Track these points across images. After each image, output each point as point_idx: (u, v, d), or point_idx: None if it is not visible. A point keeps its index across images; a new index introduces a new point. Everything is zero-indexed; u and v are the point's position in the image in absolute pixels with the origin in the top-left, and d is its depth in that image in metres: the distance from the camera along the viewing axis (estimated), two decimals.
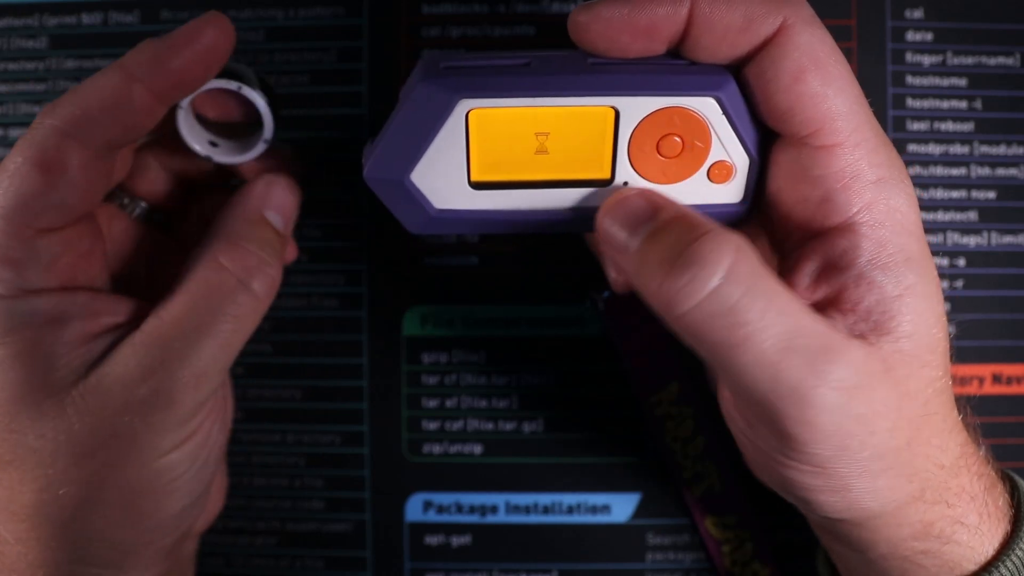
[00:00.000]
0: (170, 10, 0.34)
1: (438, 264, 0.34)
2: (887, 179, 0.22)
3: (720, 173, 0.23)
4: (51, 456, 0.24)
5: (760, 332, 0.20)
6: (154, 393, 0.23)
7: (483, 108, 0.22)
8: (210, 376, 0.24)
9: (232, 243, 0.25)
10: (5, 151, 0.34)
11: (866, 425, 0.21)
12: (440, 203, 0.23)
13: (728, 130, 0.23)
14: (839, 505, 0.23)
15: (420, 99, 0.22)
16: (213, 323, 0.24)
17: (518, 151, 0.23)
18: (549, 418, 0.35)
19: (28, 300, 0.23)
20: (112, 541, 0.25)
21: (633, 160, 0.23)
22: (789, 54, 0.21)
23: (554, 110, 0.22)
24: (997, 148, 0.34)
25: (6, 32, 0.34)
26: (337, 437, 0.35)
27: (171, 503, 0.25)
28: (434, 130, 0.22)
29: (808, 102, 0.21)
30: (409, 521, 0.35)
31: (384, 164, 0.23)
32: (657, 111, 0.22)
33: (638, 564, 0.34)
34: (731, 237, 0.21)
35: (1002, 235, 0.34)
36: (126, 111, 0.23)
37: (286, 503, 0.35)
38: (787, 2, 0.22)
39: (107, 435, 0.24)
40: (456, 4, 0.34)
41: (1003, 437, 0.34)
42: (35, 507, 0.24)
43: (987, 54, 0.34)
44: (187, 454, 0.25)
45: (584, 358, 0.34)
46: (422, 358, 0.35)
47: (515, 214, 0.24)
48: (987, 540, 0.24)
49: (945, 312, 0.23)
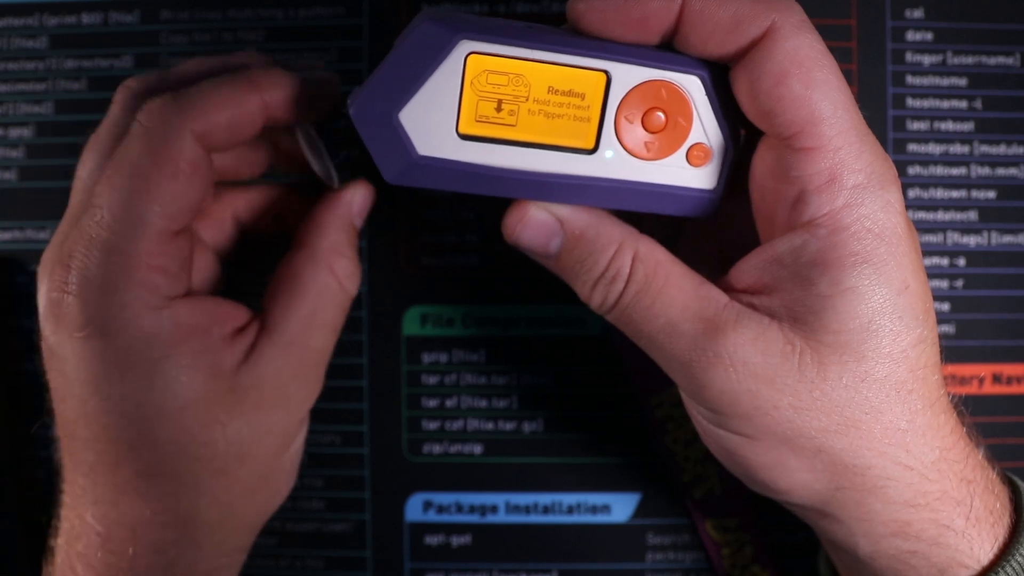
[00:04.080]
0: (170, 10, 0.34)
1: (438, 264, 0.34)
2: (865, 185, 0.22)
3: (698, 155, 0.24)
4: (220, 461, 0.25)
5: (654, 320, 0.24)
6: (298, 386, 0.26)
7: (482, 54, 0.22)
8: (326, 363, 0.27)
9: (338, 252, 0.27)
10: (5, 151, 0.34)
11: (764, 400, 0.23)
12: (424, 149, 0.23)
13: (710, 113, 0.23)
14: (780, 484, 0.24)
15: (421, 35, 0.22)
16: (329, 321, 0.27)
17: (510, 107, 0.23)
18: (549, 418, 0.35)
19: (172, 309, 0.24)
20: (244, 527, 0.27)
21: (619, 130, 0.23)
22: (773, 57, 0.22)
23: (550, 68, 0.23)
24: (997, 148, 0.34)
25: (6, 32, 0.34)
26: (337, 437, 0.35)
27: (290, 481, 0.28)
28: (430, 68, 0.22)
29: (790, 105, 0.22)
30: (409, 521, 0.35)
31: (374, 99, 0.22)
32: (646, 82, 0.23)
33: (638, 564, 0.34)
34: (626, 250, 0.24)
35: (1002, 235, 0.34)
36: (245, 123, 0.25)
37: (286, 503, 0.35)
38: (777, 6, 0.22)
39: (262, 434, 0.25)
40: (456, 4, 0.34)
41: (1003, 437, 0.34)
42: (190, 515, 0.25)
43: (987, 54, 0.34)
44: (302, 438, 0.28)
45: (584, 358, 0.34)
46: (422, 358, 0.35)
47: (497, 172, 0.23)
48: (978, 545, 0.24)
49: (921, 317, 0.23)
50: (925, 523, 0.23)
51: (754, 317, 0.23)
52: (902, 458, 0.23)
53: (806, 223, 0.22)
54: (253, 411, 0.25)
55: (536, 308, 0.34)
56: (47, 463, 0.35)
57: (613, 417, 0.34)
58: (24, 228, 0.35)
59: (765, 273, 0.23)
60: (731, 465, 0.25)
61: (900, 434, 0.23)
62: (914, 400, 0.23)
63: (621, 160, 0.24)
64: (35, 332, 0.24)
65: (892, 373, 0.23)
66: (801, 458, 0.23)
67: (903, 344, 0.23)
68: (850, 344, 0.22)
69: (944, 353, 0.33)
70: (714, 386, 0.23)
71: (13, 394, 0.35)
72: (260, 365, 0.25)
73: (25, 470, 0.35)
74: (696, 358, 0.23)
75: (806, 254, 0.22)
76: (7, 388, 0.35)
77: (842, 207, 0.22)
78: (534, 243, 0.25)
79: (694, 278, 0.24)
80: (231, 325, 0.25)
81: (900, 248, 0.23)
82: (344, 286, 0.27)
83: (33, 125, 0.34)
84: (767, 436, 0.23)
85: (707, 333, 0.23)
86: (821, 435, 0.23)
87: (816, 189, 0.22)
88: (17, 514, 0.35)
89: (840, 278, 0.22)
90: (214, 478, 0.25)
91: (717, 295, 0.24)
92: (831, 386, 0.22)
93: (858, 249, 0.22)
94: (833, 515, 0.24)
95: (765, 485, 0.24)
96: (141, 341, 0.23)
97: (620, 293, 0.24)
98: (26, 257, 0.35)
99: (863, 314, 0.22)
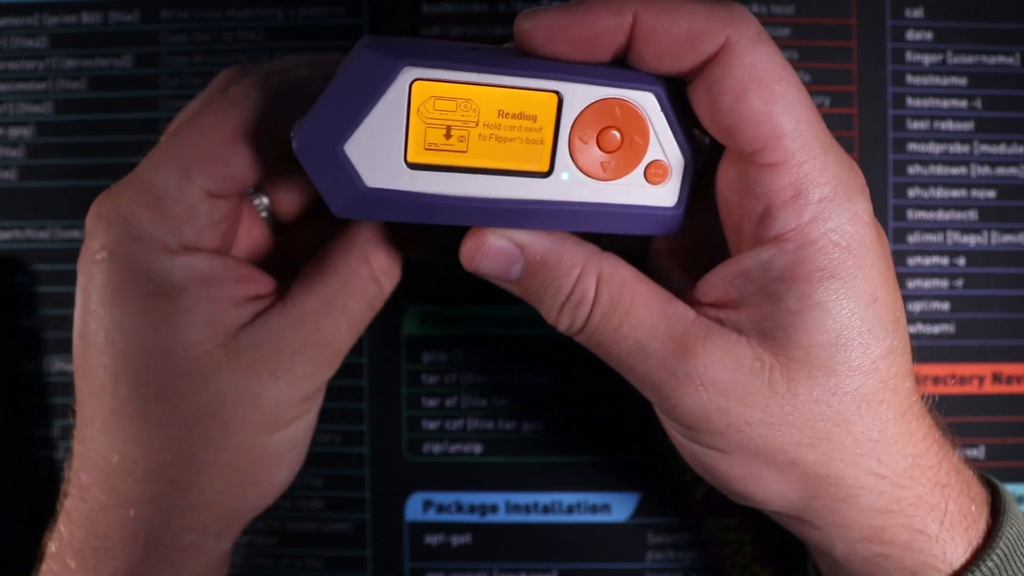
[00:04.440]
0: (170, 10, 0.34)
1: (438, 263, 0.34)
2: (831, 198, 0.22)
3: (657, 173, 0.23)
4: (192, 415, 0.24)
5: (622, 342, 0.23)
6: (297, 359, 0.25)
7: (428, 80, 0.21)
8: (340, 352, 0.26)
9: (377, 245, 0.27)
10: (5, 150, 0.35)
11: (735, 417, 0.23)
12: (372, 181, 0.22)
13: (666, 129, 0.23)
14: (756, 495, 0.24)
15: (363, 63, 0.21)
16: (350, 307, 0.26)
17: (460, 133, 0.22)
18: (549, 418, 0.35)
19: (188, 256, 0.24)
20: (223, 508, 0.25)
21: (573, 151, 0.23)
22: (731, 73, 0.21)
23: (499, 91, 0.22)
24: (997, 147, 0.34)
25: (6, 31, 0.34)
26: (337, 436, 0.35)
27: (281, 474, 0.27)
28: (374, 98, 0.21)
29: (751, 121, 0.22)
30: (409, 520, 0.35)
31: (318, 132, 0.22)
32: (599, 101, 0.22)
33: (638, 563, 0.34)
34: (590, 272, 0.24)
35: (1002, 234, 0.34)
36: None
37: (286, 502, 0.35)
38: (732, 20, 0.21)
39: (247, 398, 0.24)
40: (456, 4, 0.34)
41: (1003, 437, 0.34)
42: (159, 467, 0.24)
43: (987, 53, 0.34)
44: (301, 429, 0.27)
45: (584, 358, 0.34)
46: (422, 357, 0.35)
47: (450, 201, 0.23)
48: (951, 549, 0.24)
49: (891, 328, 0.23)
50: (898, 528, 0.24)
51: (722, 333, 0.23)
52: (874, 467, 0.23)
53: (773, 238, 0.22)
54: (243, 372, 0.24)
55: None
56: (47, 463, 0.35)
57: (613, 417, 0.34)
58: (24, 228, 0.35)
59: (732, 287, 0.23)
60: (708, 477, 0.25)
61: (872, 444, 0.23)
62: (885, 411, 0.23)
63: (577, 182, 0.23)
64: (36, 331, 0.25)
65: (862, 386, 0.23)
66: (775, 471, 0.23)
67: (873, 356, 0.23)
68: (819, 359, 0.22)
69: (944, 353, 0.34)
70: (685, 405, 0.23)
71: (13, 394, 0.35)
72: (263, 330, 0.25)
73: (25, 470, 0.35)
74: (666, 378, 0.23)
75: (774, 269, 0.22)
76: (7, 388, 0.35)
77: (808, 221, 0.22)
78: (494, 271, 0.24)
79: (661, 295, 0.24)
80: (250, 290, 0.25)
81: (868, 260, 0.22)
82: (377, 278, 0.27)
83: (33, 125, 0.34)
84: (740, 451, 0.23)
85: (676, 353, 0.23)
86: (793, 449, 0.23)
87: (782, 204, 0.22)
88: (17, 514, 0.35)
89: (808, 293, 0.22)
90: (187, 430, 0.24)
91: (685, 312, 0.23)
92: (801, 401, 0.22)
93: (825, 264, 0.22)
94: (810, 522, 0.24)
95: (742, 495, 0.25)
96: (144, 275, 0.24)
97: (587, 316, 0.24)
98: (26, 257, 0.35)
99: (831, 329, 0.22)
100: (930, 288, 0.34)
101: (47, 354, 0.35)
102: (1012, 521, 0.24)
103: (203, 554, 0.26)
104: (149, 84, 0.34)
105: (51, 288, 0.35)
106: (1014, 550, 0.24)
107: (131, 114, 0.34)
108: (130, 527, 0.25)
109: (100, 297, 0.24)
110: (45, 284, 0.35)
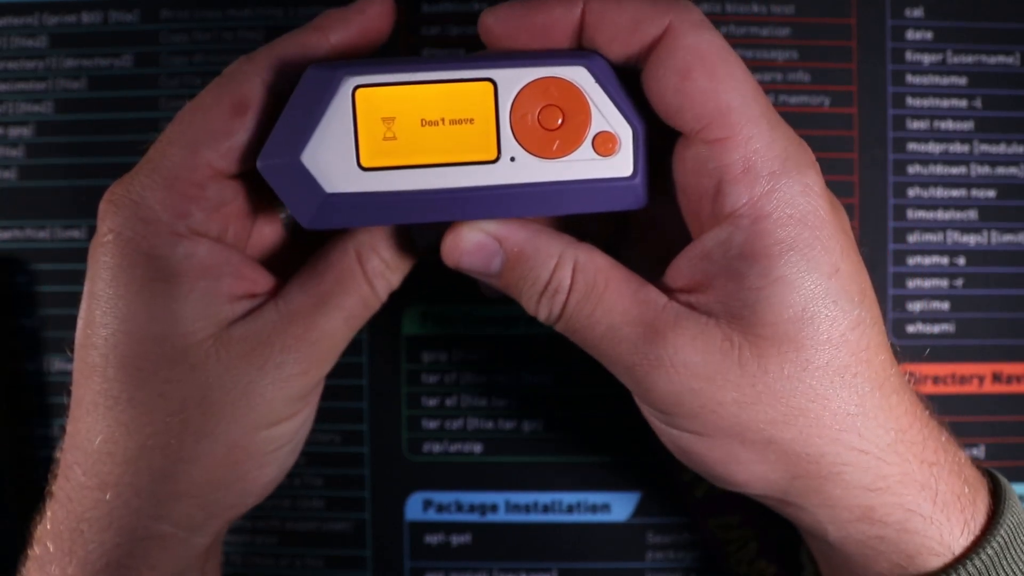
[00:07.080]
0: (170, 9, 0.34)
1: (438, 263, 0.34)
2: (781, 171, 0.22)
3: (605, 144, 0.24)
4: (177, 403, 0.24)
5: (596, 327, 0.24)
6: (288, 356, 0.25)
7: (369, 86, 0.23)
8: (333, 350, 0.26)
9: (371, 247, 0.27)
10: (5, 150, 0.35)
11: (707, 398, 0.23)
12: (332, 187, 0.23)
13: (605, 100, 0.24)
14: (737, 477, 0.24)
15: (310, 81, 0.23)
16: (345, 306, 0.26)
17: (406, 132, 0.24)
18: (549, 418, 0.35)
19: (192, 243, 0.24)
20: (203, 501, 0.25)
21: (517, 134, 0.24)
22: (675, 54, 0.22)
23: (437, 87, 0.23)
24: (997, 147, 0.34)
25: (6, 31, 0.34)
26: (337, 436, 0.35)
27: (267, 472, 0.27)
28: (322, 109, 0.23)
29: (697, 99, 0.22)
30: (409, 520, 0.35)
31: (278, 150, 0.23)
32: (533, 82, 0.23)
33: (638, 563, 0.34)
34: (566, 261, 0.24)
35: (1002, 234, 0.34)
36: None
37: (286, 502, 0.35)
38: (674, 6, 0.23)
39: (235, 391, 0.24)
40: (456, 3, 0.34)
41: (1003, 437, 0.34)
42: (140, 452, 0.24)
43: (987, 53, 0.34)
44: (293, 427, 0.26)
45: (584, 358, 0.34)
46: (422, 357, 0.35)
47: (408, 197, 0.24)
48: (947, 531, 0.24)
49: (857, 299, 0.23)
50: (890, 507, 0.24)
51: (692, 317, 0.23)
52: (855, 443, 0.23)
53: (728, 215, 0.23)
54: (232, 365, 0.24)
55: None
56: (47, 463, 0.35)
57: (613, 417, 0.34)
58: (24, 228, 0.35)
59: (697, 270, 0.23)
60: (688, 462, 0.25)
61: (850, 419, 0.23)
62: (860, 383, 0.23)
63: (528, 163, 0.24)
64: (36, 331, 0.25)
65: (834, 358, 0.23)
66: (752, 451, 0.23)
67: (841, 328, 0.23)
68: (787, 334, 0.22)
69: (944, 353, 0.34)
70: (658, 388, 0.23)
71: (13, 394, 0.35)
72: (254, 325, 0.25)
73: (25, 470, 0.35)
74: (638, 362, 0.23)
75: (733, 247, 0.23)
76: (7, 388, 0.35)
77: (761, 195, 0.22)
78: (475, 265, 0.25)
79: (634, 281, 0.24)
80: (247, 285, 0.25)
81: (825, 231, 0.23)
82: (371, 279, 0.27)
83: (33, 124, 0.35)
84: (716, 432, 0.23)
85: (647, 337, 0.23)
86: (769, 427, 0.23)
87: (733, 179, 0.22)
88: (17, 514, 0.35)
89: (768, 269, 0.22)
90: (172, 418, 0.24)
91: (656, 297, 0.24)
92: (773, 378, 0.23)
93: (783, 236, 0.22)
94: (795, 503, 0.24)
95: (723, 479, 0.25)
96: (146, 259, 0.24)
97: (563, 304, 0.24)
98: (26, 257, 0.35)
99: (796, 303, 0.22)
100: (930, 288, 0.34)
101: (47, 354, 0.35)
102: (1012, 509, 0.24)
103: (178, 547, 0.26)
104: (149, 84, 0.34)
105: (51, 288, 0.35)
106: (1014, 537, 0.24)
107: (131, 114, 0.34)
108: (105, 509, 0.25)
109: (102, 278, 0.24)
110: (45, 284, 0.35)
